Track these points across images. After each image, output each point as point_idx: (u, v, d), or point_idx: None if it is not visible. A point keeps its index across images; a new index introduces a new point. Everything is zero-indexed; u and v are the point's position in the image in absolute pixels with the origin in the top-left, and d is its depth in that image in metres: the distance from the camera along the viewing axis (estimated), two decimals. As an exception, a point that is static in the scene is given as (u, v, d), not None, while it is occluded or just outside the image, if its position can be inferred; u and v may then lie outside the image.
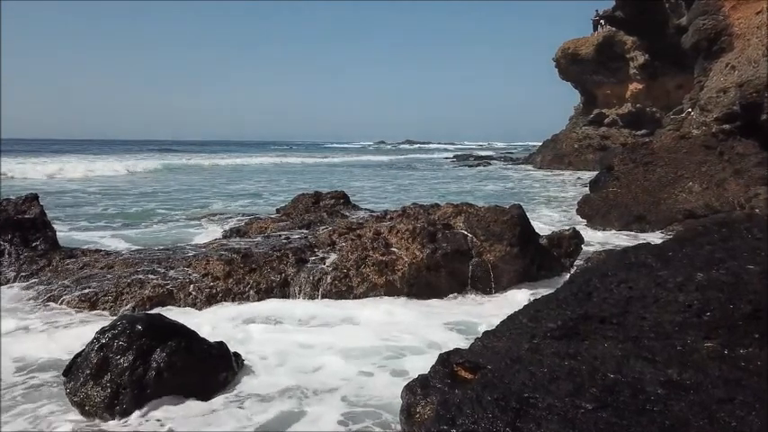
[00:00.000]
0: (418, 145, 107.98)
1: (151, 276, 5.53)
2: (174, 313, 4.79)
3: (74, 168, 25.25)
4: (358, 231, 6.24)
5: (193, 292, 5.22)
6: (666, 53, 22.14)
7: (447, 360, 3.10)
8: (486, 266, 5.46)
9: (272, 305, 5.02)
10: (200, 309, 5.06)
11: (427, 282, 5.44)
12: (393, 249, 5.74)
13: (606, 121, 30.40)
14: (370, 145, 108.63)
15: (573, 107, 35.11)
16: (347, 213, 8.48)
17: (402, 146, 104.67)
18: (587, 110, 32.06)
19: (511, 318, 3.23)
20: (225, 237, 7.94)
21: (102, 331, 3.29)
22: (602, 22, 29.82)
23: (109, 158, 35.86)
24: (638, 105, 27.95)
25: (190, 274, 5.51)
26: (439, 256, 5.50)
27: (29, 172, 23.44)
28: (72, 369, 3.22)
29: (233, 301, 5.23)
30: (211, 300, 5.17)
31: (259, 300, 5.25)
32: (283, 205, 9.81)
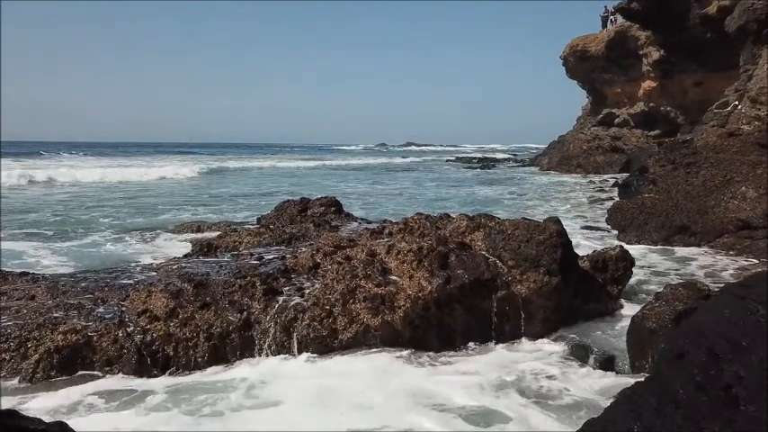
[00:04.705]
0: (420, 147, 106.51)
1: (72, 314, 4.16)
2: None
3: (64, 173, 23.77)
4: (347, 251, 4.87)
5: (120, 339, 3.85)
6: (684, 48, 20.72)
7: None
8: (515, 302, 4.08)
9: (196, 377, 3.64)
10: (123, 367, 3.70)
11: (438, 323, 4.06)
12: (392, 277, 4.36)
13: (617, 121, 29.05)
14: (371, 147, 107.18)
15: (580, 107, 33.80)
16: (338, 224, 7.12)
17: (404, 148, 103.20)
18: (596, 110, 30.71)
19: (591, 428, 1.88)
20: (189, 254, 6.59)
21: None
22: (611, 18, 28.59)
23: (96, 163, 34.42)
24: (651, 104, 26.53)
25: (122, 312, 4.14)
26: (453, 289, 4.11)
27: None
28: None
29: (174, 350, 3.87)
30: (143, 350, 3.80)
31: (209, 348, 3.89)
32: (266, 213, 8.47)
